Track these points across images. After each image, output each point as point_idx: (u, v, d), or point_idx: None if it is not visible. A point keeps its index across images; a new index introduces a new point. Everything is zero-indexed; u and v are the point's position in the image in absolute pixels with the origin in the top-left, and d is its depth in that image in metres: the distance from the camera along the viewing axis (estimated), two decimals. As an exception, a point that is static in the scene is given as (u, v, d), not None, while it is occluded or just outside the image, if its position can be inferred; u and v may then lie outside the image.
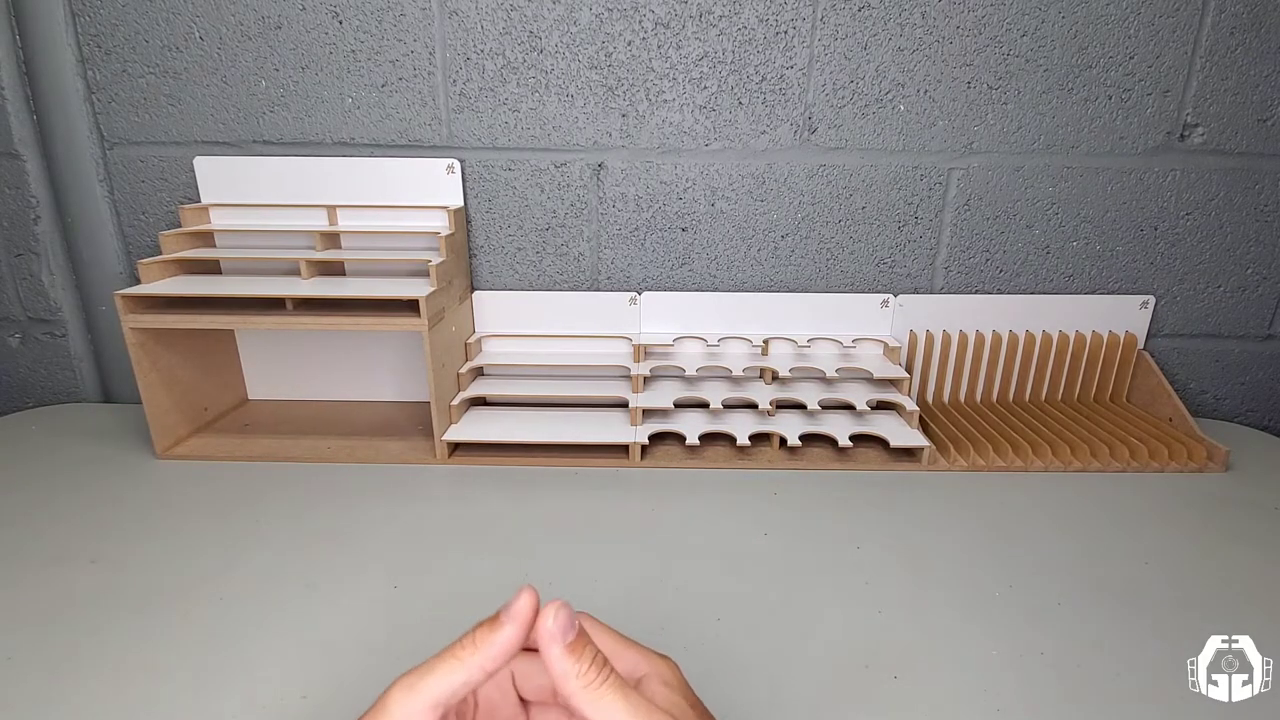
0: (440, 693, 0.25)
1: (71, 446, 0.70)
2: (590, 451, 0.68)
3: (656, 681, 0.29)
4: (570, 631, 0.27)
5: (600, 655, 0.27)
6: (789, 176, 0.74)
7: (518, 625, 0.27)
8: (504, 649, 0.26)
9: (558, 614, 0.27)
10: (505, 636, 0.26)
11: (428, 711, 0.25)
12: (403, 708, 0.25)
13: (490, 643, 0.26)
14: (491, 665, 0.26)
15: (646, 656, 0.31)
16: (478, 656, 0.26)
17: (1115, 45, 0.70)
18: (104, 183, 0.75)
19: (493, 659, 0.26)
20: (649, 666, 0.30)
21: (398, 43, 0.70)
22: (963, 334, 0.78)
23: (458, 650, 0.26)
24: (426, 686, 0.25)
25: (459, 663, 0.26)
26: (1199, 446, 0.67)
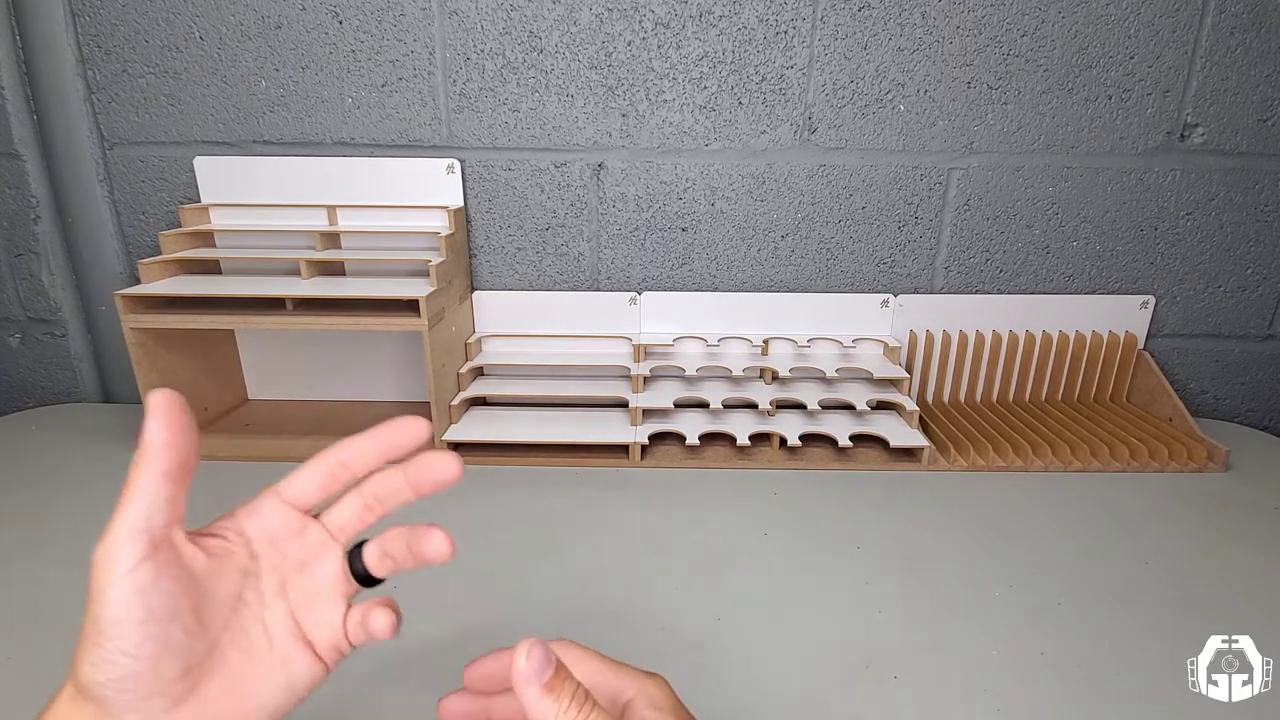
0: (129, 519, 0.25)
1: (71, 446, 0.70)
2: (590, 451, 0.68)
3: (644, 704, 0.29)
4: (547, 669, 0.26)
5: (580, 689, 0.27)
6: (789, 176, 0.74)
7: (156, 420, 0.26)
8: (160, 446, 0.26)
9: (530, 652, 0.26)
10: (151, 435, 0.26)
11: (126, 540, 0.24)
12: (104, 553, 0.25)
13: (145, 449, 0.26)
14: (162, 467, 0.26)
15: (634, 678, 0.30)
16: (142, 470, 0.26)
17: (1115, 45, 0.70)
18: (104, 183, 0.75)
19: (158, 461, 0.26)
20: (636, 688, 0.29)
21: (398, 43, 0.70)
22: (963, 334, 0.78)
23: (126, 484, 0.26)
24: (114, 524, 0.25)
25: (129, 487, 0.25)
26: (1199, 446, 0.67)
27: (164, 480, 0.26)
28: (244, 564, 0.29)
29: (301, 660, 0.29)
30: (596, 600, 0.48)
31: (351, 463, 0.30)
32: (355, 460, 0.30)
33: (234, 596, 0.28)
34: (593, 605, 0.48)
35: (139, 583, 0.24)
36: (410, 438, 0.30)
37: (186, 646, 0.25)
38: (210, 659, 0.26)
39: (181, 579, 0.26)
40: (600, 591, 0.49)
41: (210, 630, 0.27)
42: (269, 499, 0.30)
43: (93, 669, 0.24)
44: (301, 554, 0.30)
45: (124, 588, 0.24)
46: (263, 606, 0.29)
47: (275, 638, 0.28)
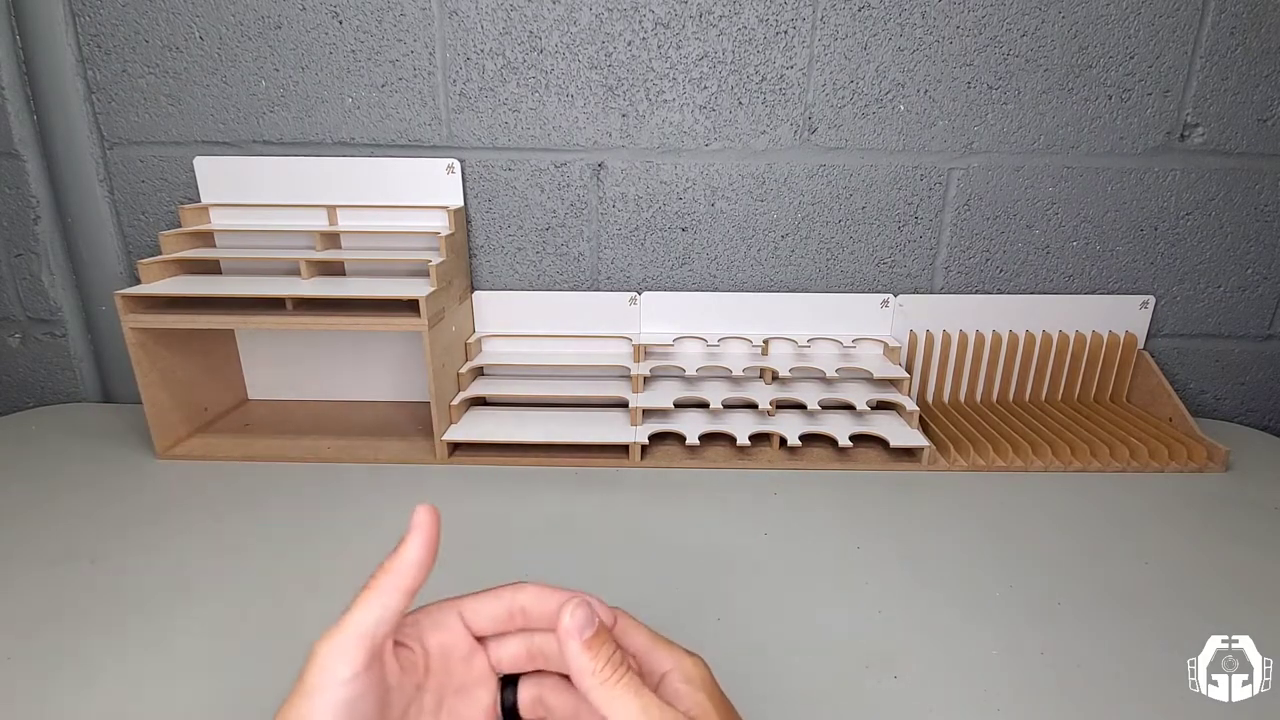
0: (362, 624, 0.25)
1: (71, 446, 0.70)
2: (590, 451, 0.68)
3: (678, 679, 0.30)
4: (588, 628, 0.28)
5: (618, 653, 0.28)
6: (789, 176, 0.74)
7: (421, 537, 0.27)
8: (412, 564, 0.27)
9: (575, 611, 0.28)
10: (411, 553, 0.27)
11: (355, 646, 0.25)
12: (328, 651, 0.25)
13: (400, 562, 0.27)
14: (407, 584, 0.26)
15: (673, 654, 0.31)
16: (390, 578, 0.26)
17: (1115, 45, 0.70)
18: (104, 183, 0.75)
19: (405, 578, 0.26)
20: (673, 663, 0.30)
21: (398, 43, 0.70)
22: (963, 334, 0.78)
23: (370, 583, 0.27)
24: (347, 623, 0.25)
25: (373, 592, 0.26)
26: (1199, 446, 0.67)
27: (404, 598, 0.26)
28: (419, 679, 0.29)
29: None
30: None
31: (532, 611, 0.31)
32: (536, 610, 0.31)
33: (404, 711, 0.28)
34: (593, 605, 0.48)
35: (353, 693, 0.25)
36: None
37: None
38: None
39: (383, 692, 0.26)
40: (600, 592, 0.49)
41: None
42: (452, 615, 0.31)
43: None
44: (464, 678, 0.31)
45: (339, 696, 0.25)
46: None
47: None
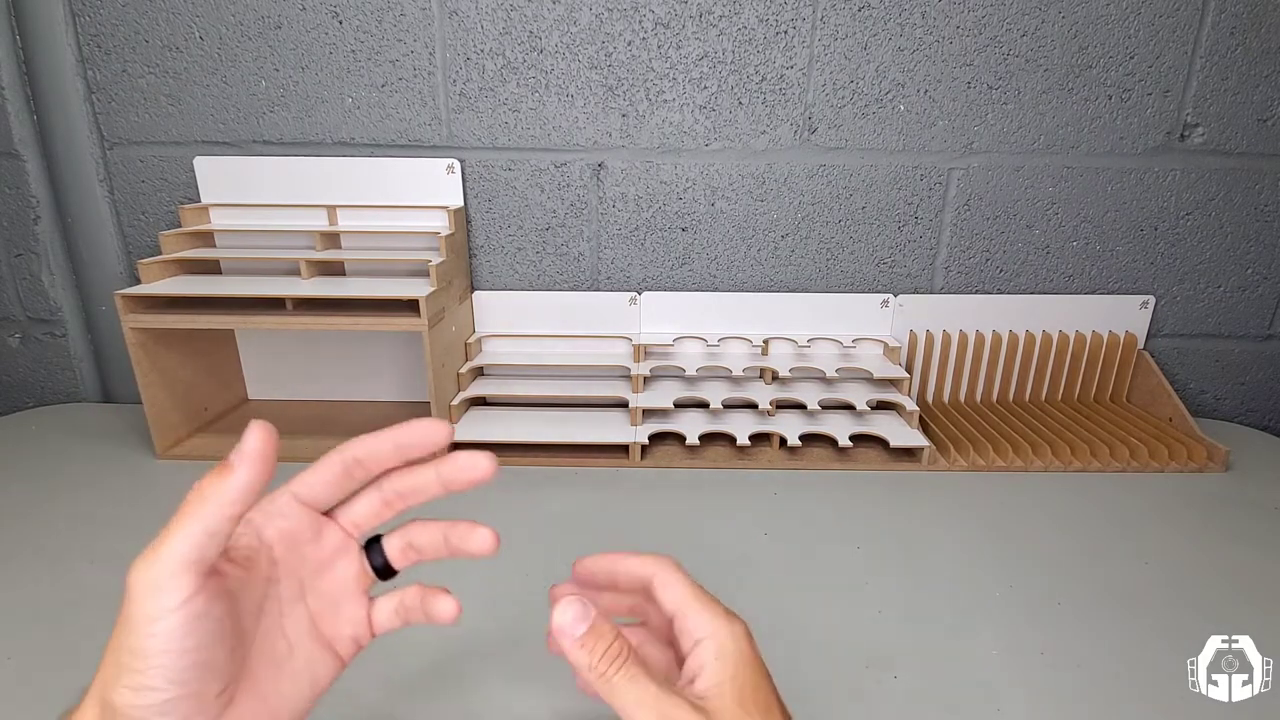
0: (180, 553, 0.23)
1: (71, 446, 0.70)
2: (590, 451, 0.68)
3: (710, 651, 0.29)
4: (581, 623, 0.28)
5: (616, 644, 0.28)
6: (789, 176, 0.74)
7: (249, 467, 0.25)
8: (238, 493, 0.25)
9: (566, 608, 0.28)
10: (236, 481, 0.25)
11: (175, 574, 0.23)
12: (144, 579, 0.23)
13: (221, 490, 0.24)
14: (230, 510, 0.24)
15: (711, 620, 0.30)
16: (209, 506, 0.24)
17: (1115, 45, 0.70)
18: (104, 183, 0.75)
19: (229, 504, 0.24)
20: (709, 631, 0.29)
21: (398, 43, 0.70)
22: (963, 334, 0.78)
23: (185, 507, 0.24)
24: (164, 552, 0.23)
25: (190, 519, 0.24)
26: (1199, 446, 0.67)
27: (230, 522, 0.24)
28: (265, 574, 0.28)
29: (322, 661, 0.29)
30: (596, 600, 0.48)
31: (368, 460, 0.30)
32: (372, 458, 0.30)
33: (257, 610, 0.27)
34: (593, 605, 0.48)
35: (190, 614, 0.23)
36: (431, 438, 0.31)
37: (226, 668, 0.25)
38: (242, 672, 0.26)
39: (224, 601, 0.25)
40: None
41: (243, 647, 0.26)
42: (285, 499, 0.29)
43: (133, 694, 0.23)
44: (319, 556, 0.30)
45: (174, 621, 0.23)
46: (282, 614, 0.28)
47: (296, 644, 0.28)
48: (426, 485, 0.32)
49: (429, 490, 0.32)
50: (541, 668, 0.42)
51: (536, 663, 0.43)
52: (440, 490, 0.32)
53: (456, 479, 0.31)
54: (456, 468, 0.31)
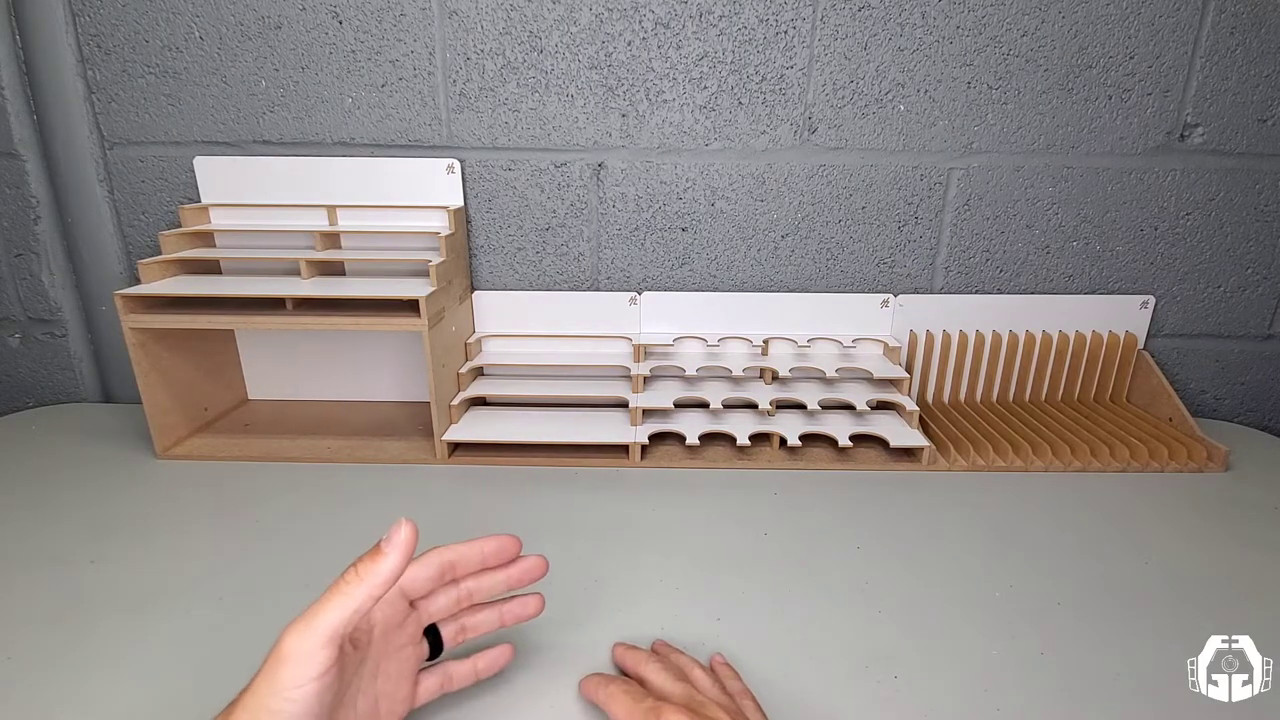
0: (332, 626, 0.27)
1: (71, 446, 0.70)
2: (590, 451, 0.68)
3: None
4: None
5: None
6: (789, 176, 0.74)
7: (399, 554, 0.28)
8: (387, 577, 0.28)
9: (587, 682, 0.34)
10: (389, 565, 0.28)
11: (323, 645, 0.27)
12: (298, 647, 0.26)
13: (374, 572, 0.28)
14: (378, 593, 0.28)
15: None
16: (363, 587, 0.28)
17: (1115, 45, 0.70)
18: (104, 183, 0.75)
19: (378, 587, 0.28)
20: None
21: (398, 43, 0.70)
22: (963, 334, 0.78)
23: (343, 585, 0.28)
24: (319, 623, 0.27)
25: (345, 596, 0.27)
26: (1199, 446, 0.67)
27: (370, 603, 0.28)
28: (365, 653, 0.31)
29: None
30: (596, 600, 0.48)
31: (460, 565, 0.36)
32: (463, 564, 0.36)
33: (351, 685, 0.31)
34: (593, 605, 0.48)
35: (324, 685, 0.27)
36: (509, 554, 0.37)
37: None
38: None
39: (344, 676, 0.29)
40: (600, 591, 0.49)
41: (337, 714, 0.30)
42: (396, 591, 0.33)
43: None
44: (399, 641, 0.33)
45: (312, 689, 0.26)
46: (359, 689, 0.31)
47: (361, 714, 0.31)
48: (493, 588, 0.37)
49: (495, 592, 0.38)
50: (542, 667, 0.42)
51: (536, 662, 0.43)
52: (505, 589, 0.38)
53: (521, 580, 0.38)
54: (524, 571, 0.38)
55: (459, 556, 0.36)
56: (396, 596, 0.34)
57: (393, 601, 0.33)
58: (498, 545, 0.37)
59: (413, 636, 0.35)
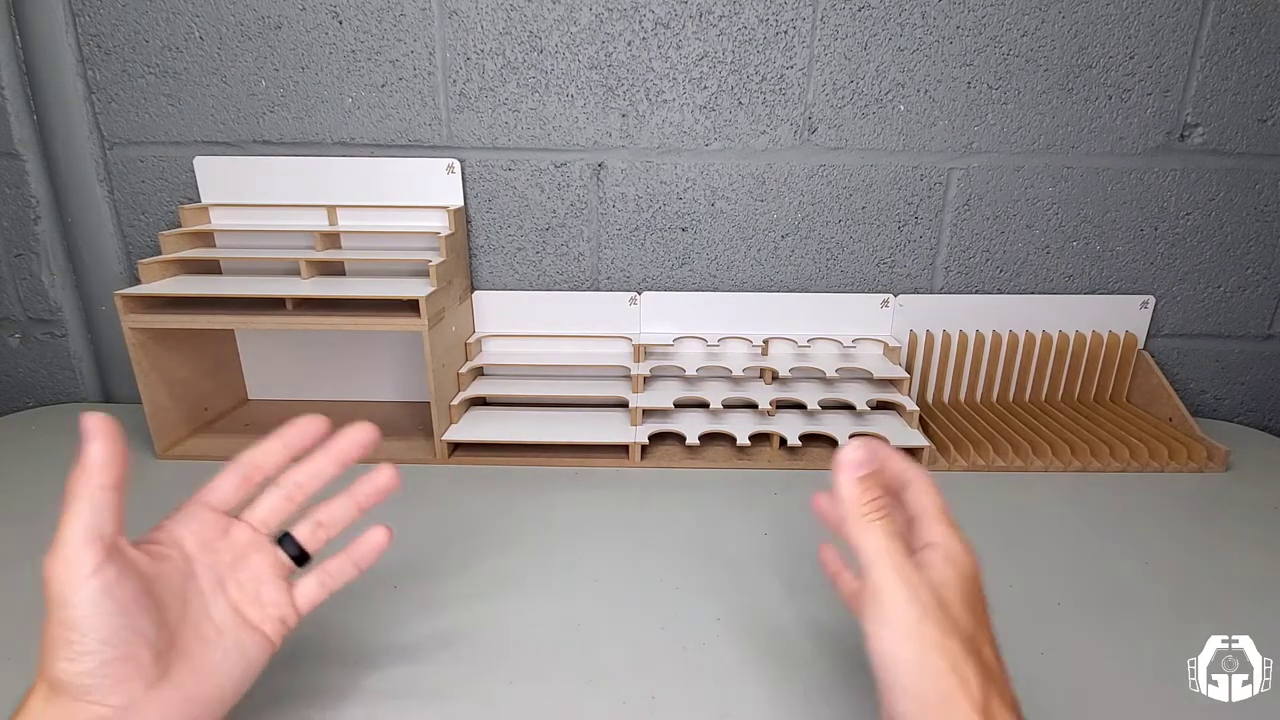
0: (76, 530, 0.28)
1: (71, 446, 0.70)
2: (590, 451, 0.68)
3: (939, 554, 0.31)
4: (863, 467, 0.32)
5: (883, 500, 0.31)
6: (789, 176, 0.74)
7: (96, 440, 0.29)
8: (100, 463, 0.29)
9: (857, 448, 0.32)
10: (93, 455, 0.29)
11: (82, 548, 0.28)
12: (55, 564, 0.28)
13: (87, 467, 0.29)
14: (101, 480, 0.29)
15: (948, 535, 0.32)
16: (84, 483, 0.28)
17: (1115, 45, 0.70)
18: (104, 183, 0.75)
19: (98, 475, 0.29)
20: (941, 540, 0.32)
21: (398, 43, 0.70)
22: (963, 334, 0.78)
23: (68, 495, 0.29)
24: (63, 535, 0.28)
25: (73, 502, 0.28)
26: (1199, 446, 0.67)
27: (108, 492, 0.29)
28: (182, 568, 0.32)
29: (251, 642, 0.33)
30: (596, 600, 0.48)
31: (263, 463, 0.36)
32: (266, 460, 0.36)
33: (180, 597, 0.32)
34: (592, 605, 0.48)
35: (105, 581, 0.28)
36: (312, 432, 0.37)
37: (154, 635, 0.29)
38: (174, 648, 0.30)
39: (137, 577, 0.29)
40: (600, 591, 0.49)
41: (169, 624, 0.30)
42: (194, 507, 0.34)
43: (70, 664, 0.27)
44: (232, 551, 0.35)
45: (91, 588, 0.27)
46: (205, 603, 0.33)
47: (224, 628, 0.33)
48: (321, 469, 0.37)
49: (326, 472, 0.37)
50: (541, 665, 0.42)
51: (535, 661, 0.43)
52: (335, 468, 0.37)
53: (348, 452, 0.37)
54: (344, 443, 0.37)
55: (259, 454, 0.36)
56: (200, 511, 0.34)
57: (197, 516, 0.34)
58: (298, 428, 0.36)
59: (253, 545, 0.35)
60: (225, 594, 0.33)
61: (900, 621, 0.28)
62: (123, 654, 0.28)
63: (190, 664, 0.31)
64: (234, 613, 0.33)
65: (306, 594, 0.36)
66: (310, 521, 0.37)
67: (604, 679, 0.41)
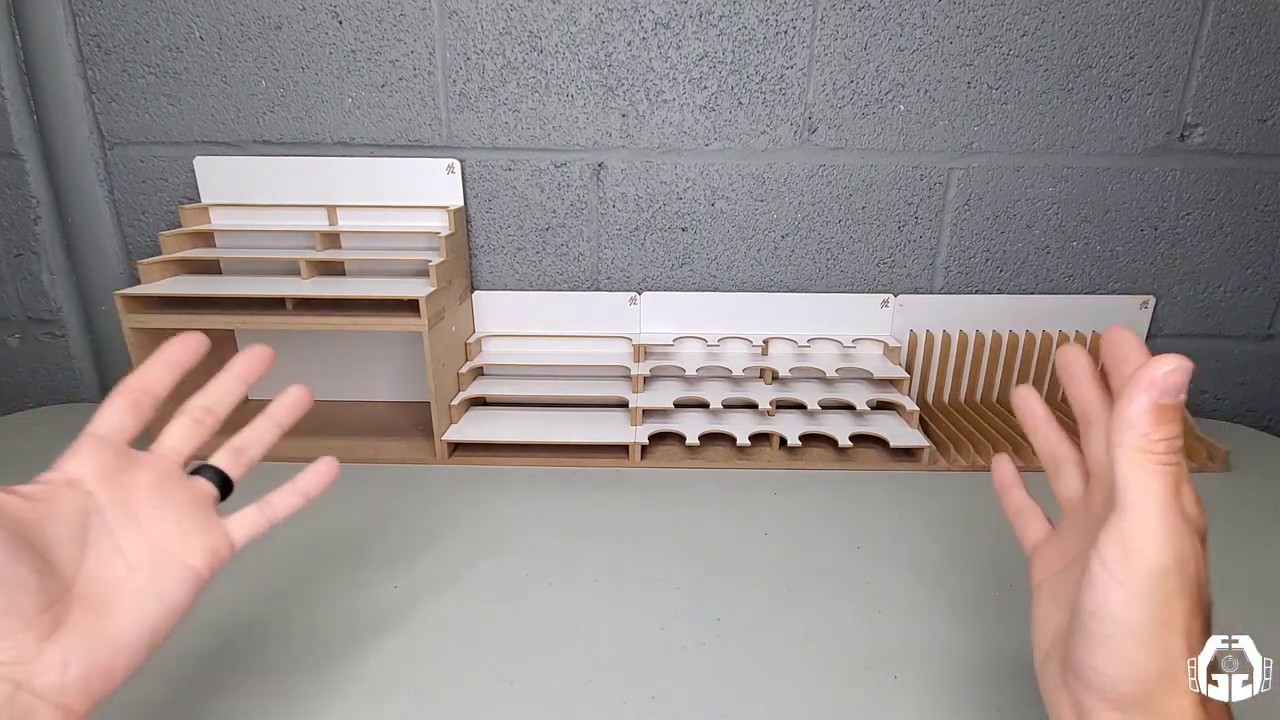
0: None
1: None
2: (590, 451, 0.68)
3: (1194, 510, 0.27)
4: (1171, 395, 0.26)
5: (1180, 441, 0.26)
6: (789, 176, 0.74)
7: None
8: None
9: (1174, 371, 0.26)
10: None
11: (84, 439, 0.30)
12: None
13: None
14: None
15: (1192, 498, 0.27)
16: None
17: (1115, 45, 0.70)
18: (104, 183, 0.75)
19: None
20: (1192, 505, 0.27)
21: (398, 43, 0.70)
22: (963, 334, 0.78)
23: None
24: None
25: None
26: (1199, 446, 0.67)
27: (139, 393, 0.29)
28: (79, 505, 0.30)
29: (171, 575, 0.31)
30: (596, 600, 0.48)
31: (151, 385, 0.34)
32: (152, 381, 0.34)
33: (77, 536, 0.30)
34: (592, 605, 0.48)
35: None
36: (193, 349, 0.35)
37: (38, 585, 0.27)
38: (70, 593, 0.28)
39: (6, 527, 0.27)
40: (600, 591, 0.49)
41: (63, 569, 0.28)
42: (85, 440, 0.32)
43: None
44: (142, 483, 0.32)
45: None
46: (114, 539, 0.31)
47: (137, 565, 0.31)
48: (228, 389, 0.36)
49: (233, 391, 0.36)
50: (541, 665, 0.42)
51: (535, 660, 0.43)
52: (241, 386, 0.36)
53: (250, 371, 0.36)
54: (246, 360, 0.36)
55: (143, 377, 0.34)
56: (94, 444, 0.32)
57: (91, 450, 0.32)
58: (179, 346, 0.35)
59: (166, 475, 0.33)
60: (140, 527, 0.31)
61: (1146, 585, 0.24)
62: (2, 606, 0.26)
63: (93, 607, 0.29)
64: (151, 546, 0.31)
65: (244, 523, 0.35)
66: (229, 449, 0.36)
67: (604, 679, 0.41)
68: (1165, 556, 0.24)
